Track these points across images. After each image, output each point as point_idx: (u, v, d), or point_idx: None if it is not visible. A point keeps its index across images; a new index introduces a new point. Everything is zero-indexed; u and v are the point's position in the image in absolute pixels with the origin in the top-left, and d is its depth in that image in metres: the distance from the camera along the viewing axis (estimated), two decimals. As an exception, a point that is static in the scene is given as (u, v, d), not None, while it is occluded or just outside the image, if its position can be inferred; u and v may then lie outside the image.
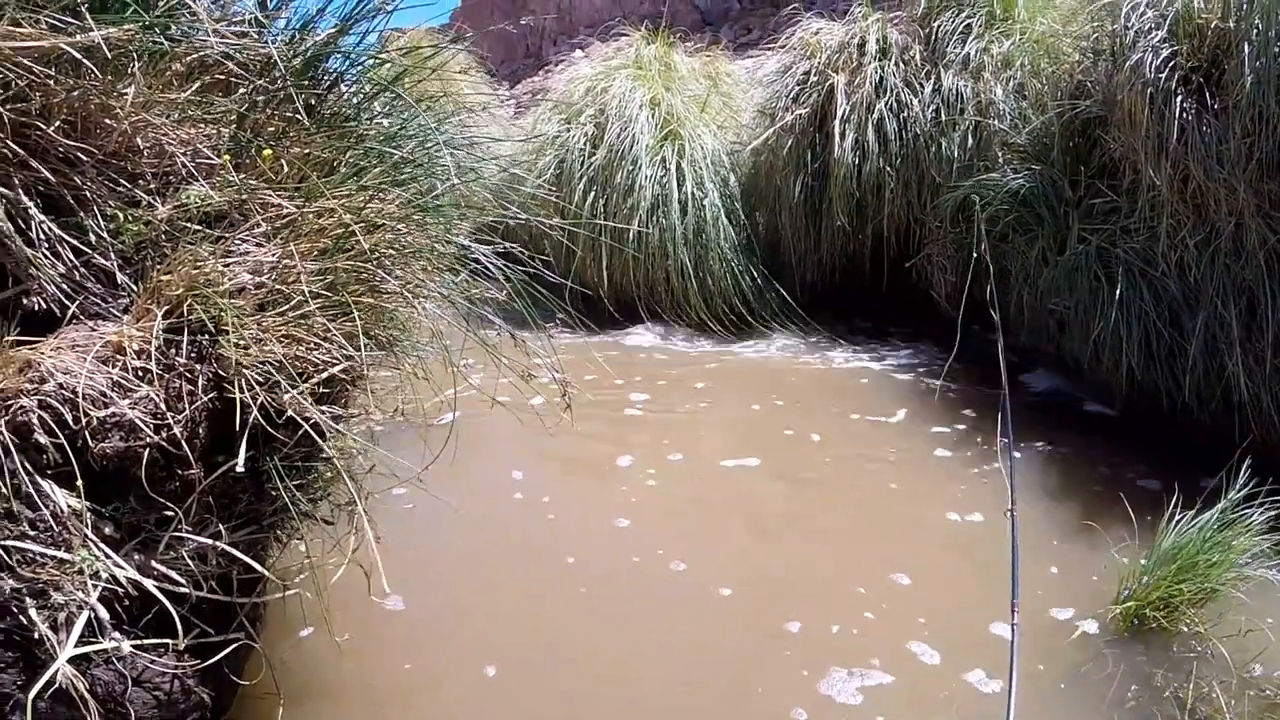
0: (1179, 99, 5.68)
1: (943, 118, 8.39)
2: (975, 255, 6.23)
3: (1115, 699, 3.59)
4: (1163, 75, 5.74)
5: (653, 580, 4.43)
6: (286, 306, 2.69)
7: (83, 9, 2.64)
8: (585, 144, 9.57)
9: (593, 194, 9.24)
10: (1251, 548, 4.08)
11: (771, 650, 3.85)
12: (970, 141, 8.17)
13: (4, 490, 2.25)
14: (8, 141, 2.54)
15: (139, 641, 2.44)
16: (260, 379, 2.55)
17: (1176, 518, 4.19)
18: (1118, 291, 6.07)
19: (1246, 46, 5.35)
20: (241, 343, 2.55)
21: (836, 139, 8.68)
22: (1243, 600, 4.02)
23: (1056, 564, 4.59)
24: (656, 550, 4.63)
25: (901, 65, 8.82)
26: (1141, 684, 3.67)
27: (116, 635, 2.39)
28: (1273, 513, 4.16)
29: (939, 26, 8.64)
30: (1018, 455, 5.69)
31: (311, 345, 2.70)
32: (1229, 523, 4.11)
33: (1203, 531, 4.09)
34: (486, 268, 3.74)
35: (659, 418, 6.80)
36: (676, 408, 6.96)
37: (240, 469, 2.53)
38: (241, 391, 2.50)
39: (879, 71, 8.78)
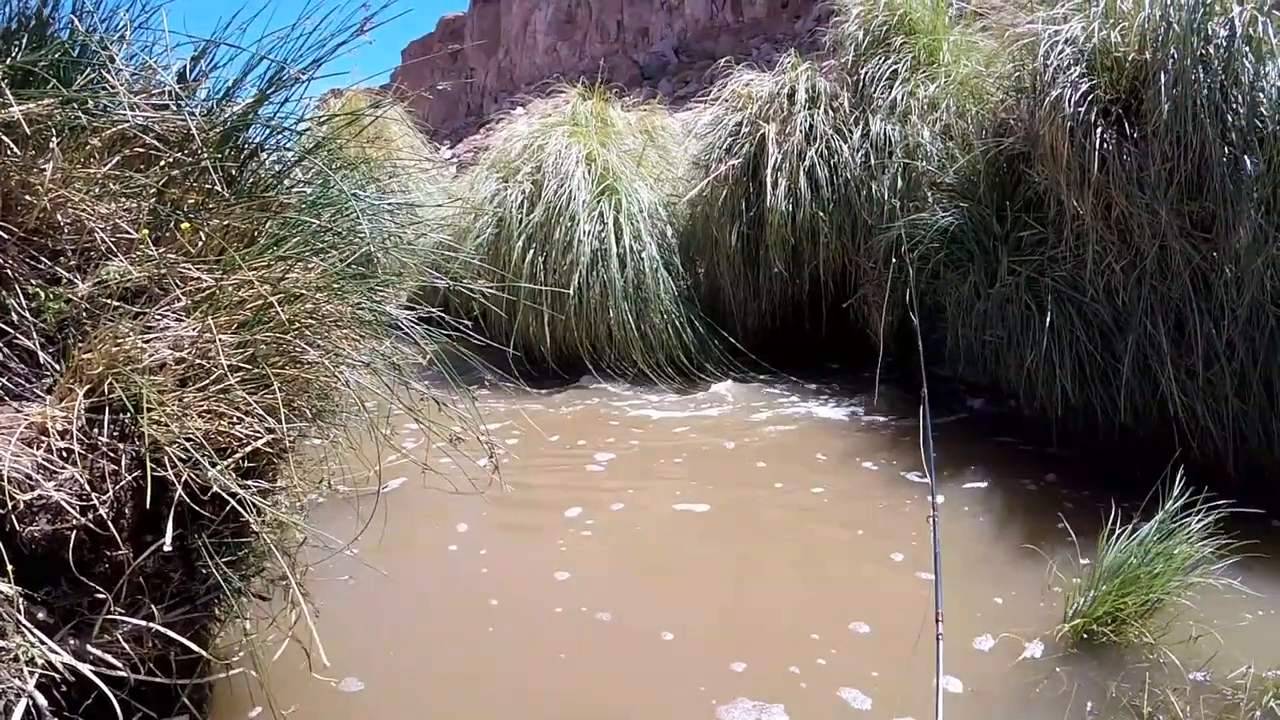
0: (1099, 130, 5.83)
1: (872, 161, 8.49)
2: (907, 292, 6.31)
3: (1074, 715, 3.62)
4: (1082, 109, 5.89)
5: (591, 630, 4.41)
6: (207, 381, 2.66)
7: (2, 85, 2.61)
8: (523, 202, 9.58)
9: (532, 251, 9.23)
10: (1193, 555, 4.16)
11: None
12: (900, 183, 8.27)
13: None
14: (-74, 221, 2.51)
15: (79, 728, 2.38)
16: (183, 455, 2.51)
17: (1117, 533, 4.27)
18: (1048, 319, 6.19)
19: (1163, 76, 5.51)
20: (162, 420, 2.52)
21: (769, 187, 8.77)
22: (1189, 607, 4.11)
23: (1003, 588, 4.64)
24: (600, 602, 4.60)
25: (831, 112, 8.95)
26: (1097, 698, 3.70)
27: (55, 722, 2.33)
28: (1210, 520, 4.24)
29: (866, 73, 8.74)
30: (966, 487, 5.87)
31: (234, 419, 2.66)
32: (1169, 533, 4.20)
33: (1144, 544, 4.17)
34: (408, 334, 3.71)
35: (601, 470, 6.78)
36: (620, 460, 6.93)
37: (168, 548, 2.48)
38: (164, 469, 2.47)
39: (809, 119, 8.91)
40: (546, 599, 4.72)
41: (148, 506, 2.58)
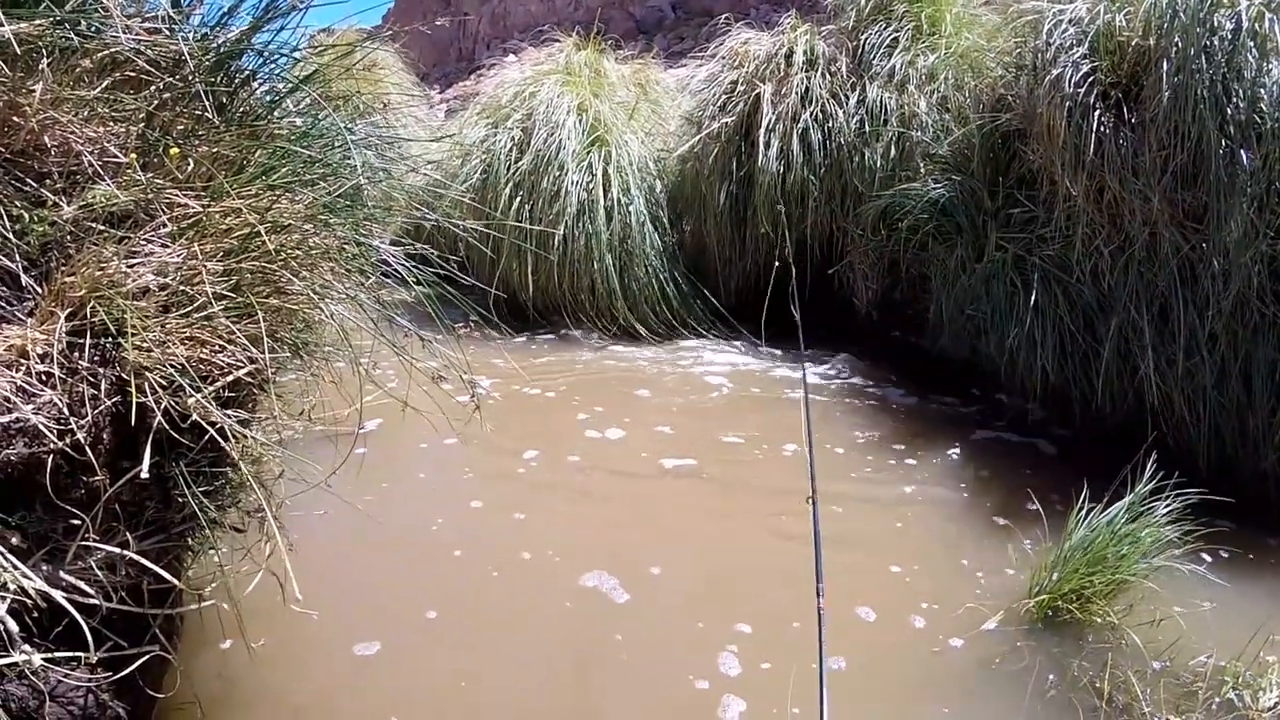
0: (1097, 113, 5.86)
1: (867, 128, 8.44)
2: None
3: (1035, 689, 3.68)
4: (1081, 90, 5.92)
5: (551, 575, 4.52)
6: (191, 308, 2.64)
7: (-9, 3, 2.58)
8: (512, 149, 9.53)
9: (519, 199, 9.19)
10: (1160, 539, 4.22)
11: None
12: (893, 152, 8.23)
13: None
14: (-90, 138, 2.48)
15: (50, 655, 2.37)
16: (164, 382, 2.49)
17: (1086, 511, 4.31)
18: (1033, 297, 6.23)
19: (1165, 64, 5.52)
20: (144, 345, 2.50)
21: (761, 148, 8.72)
22: (1154, 590, 4.19)
23: (970, 560, 4.70)
24: (564, 546, 4.73)
25: (828, 76, 8.88)
26: (1059, 674, 3.77)
27: (27, 649, 2.32)
28: (1178, 505, 4.30)
29: (866, 39, 8.68)
30: (939, 461, 5.87)
31: (216, 348, 2.65)
32: (1137, 515, 4.25)
33: (1112, 524, 4.22)
34: (396, 270, 3.70)
35: (570, 417, 6.84)
36: (590, 407, 6.98)
37: (145, 475, 2.47)
38: (144, 395, 2.45)
39: (805, 82, 8.83)
40: (510, 541, 4.81)
41: (126, 432, 2.57)
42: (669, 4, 66.86)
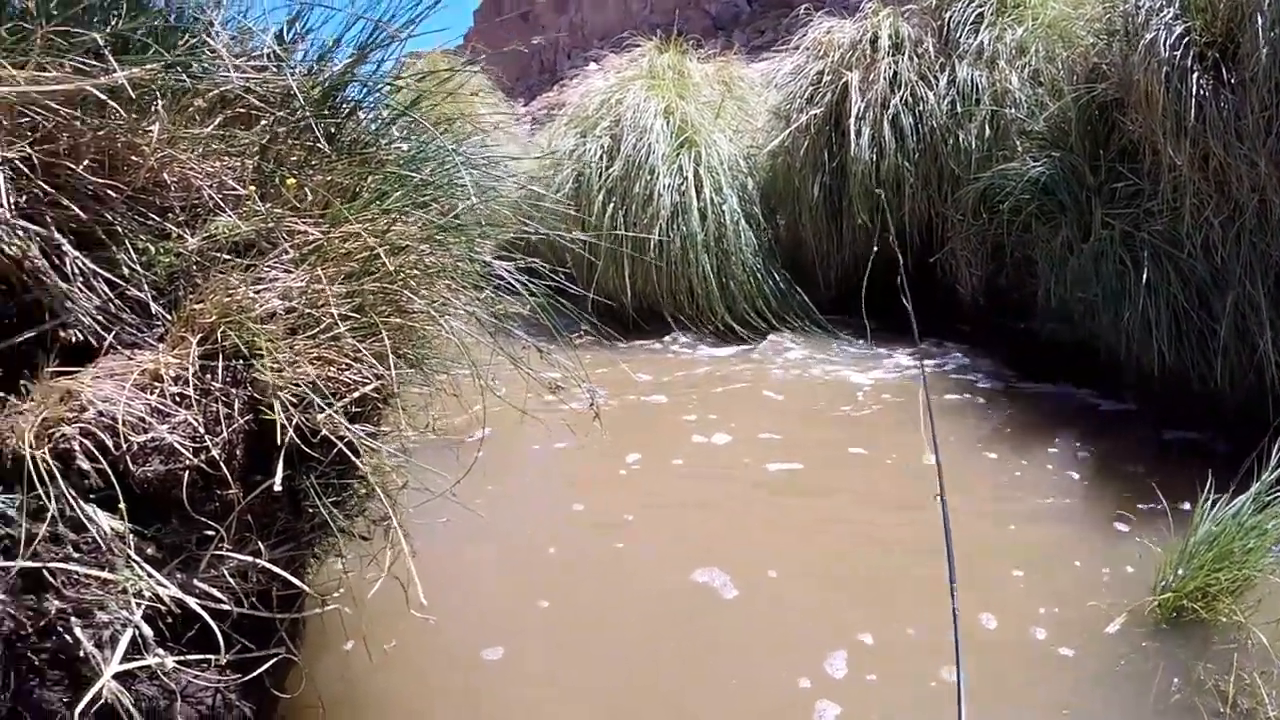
0: (1195, 76, 5.65)
1: (959, 109, 8.35)
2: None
3: (1158, 692, 3.60)
4: (1177, 53, 5.72)
5: (671, 582, 4.53)
6: (317, 329, 2.77)
7: (105, 51, 2.72)
8: (602, 156, 9.62)
9: (612, 205, 9.28)
10: None
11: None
12: (988, 131, 8.10)
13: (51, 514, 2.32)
14: (38, 181, 2.62)
15: (182, 657, 2.50)
16: (295, 400, 2.62)
17: (1211, 504, 4.14)
18: (1144, 275, 6.04)
19: (1260, 18, 5.32)
20: (276, 365, 2.63)
21: (853, 137, 8.69)
22: None
23: (1091, 559, 4.58)
24: (689, 555, 4.69)
25: (915, 59, 8.82)
26: (1183, 676, 3.66)
27: (160, 651, 2.44)
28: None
29: (950, 17, 8.60)
30: (1057, 451, 5.80)
31: (343, 366, 2.77)
32: (1264, 505, 4.04)
33: (1238, 517, 4.02)
34: (509, 283, 3.81)
35: (675, 421, 6.88)
36: (702, 410, 7.00)
37: (278, 488, 2.60)
38: (276, 413, 2.58)
39: (892, 66, 8.79)
40: (622, 543, 4.91)
41: (258, 448, 2.70)
42: (744, -2, 66.54)
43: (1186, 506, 4.41)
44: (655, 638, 4.13)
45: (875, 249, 6.16)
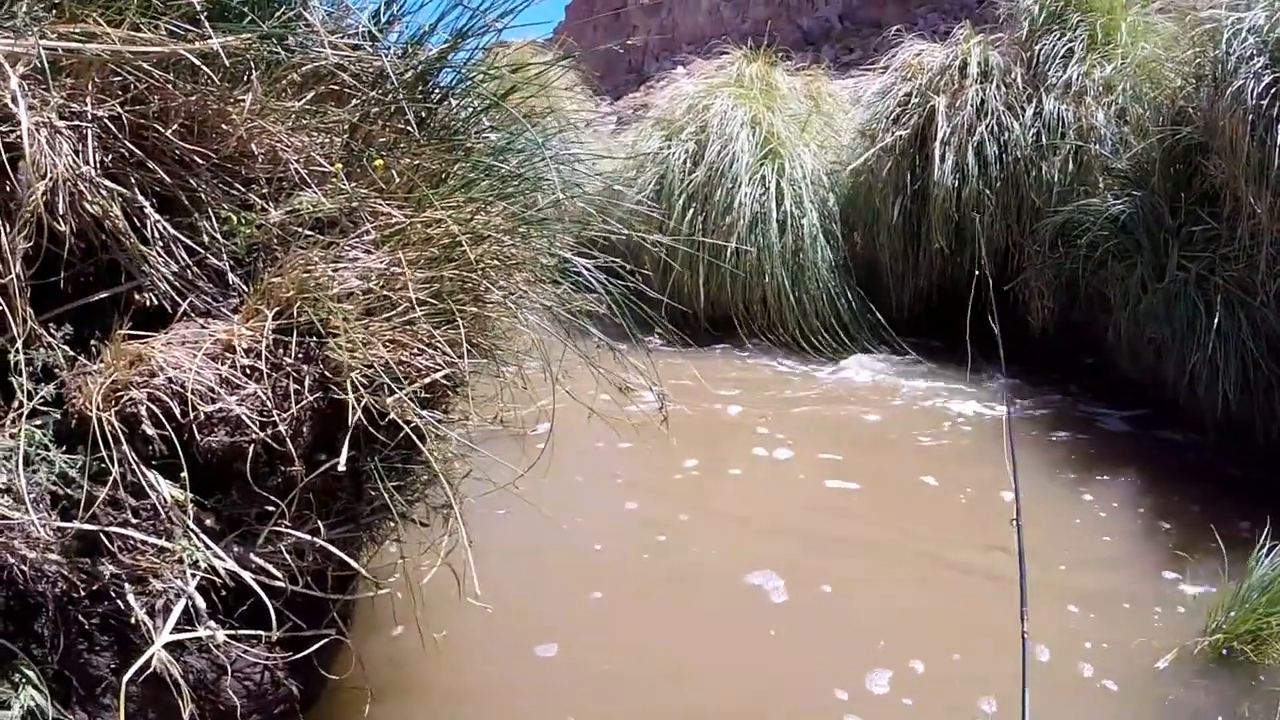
0: None
1: (1043, 141, 8.28)
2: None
3: None
4: (1264, 102, 5.71)
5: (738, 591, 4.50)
6: (393, 312, 2.77)
7: (201, 17, 2.72)
8: (686, 161, 9.59)
9: (692, 210, 9.25)
10: None
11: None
12: (1070, 166, 8.06)
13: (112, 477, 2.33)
14: (126, 142, 2.63)
15: (233, 631, 2.50)
16: (365, 381, 2.61)
17: (1268, 549, 4.14)
18: (1215, 320, 6.02)
19: None
20: (349, 345, 2.62)
21: (936, 161, 8.62)
22: None
23: (1145, 596, 4.56)
24: (742, 563, 4.67)
25: (1003, 88, 8.73)
26: (1228, 716, 3.66)
27: (212, 624, 2.45)
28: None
29: (1040, 50, 8.53)
30: (1116, 488, 5.74)
31: (416, 351, 2.76)
32: None
33: None
34: (588, 281, 3.79)
35: (751, 433, 6.82)
36: (772, 424, 6.95)
37: (342, 468, 2.59)
38: (347, 393, 2.57)
39: (980, 94, 8.71)
40: (693, 549, 4.91)
41: (325, 427, 2.70)
42: (836, 14, 66.48)
43: (1242, 546, 4.37)
44: (706, 638, 4.14)
45: (975, 273, 6.08)
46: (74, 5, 2.52)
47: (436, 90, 3.57)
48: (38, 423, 2.35)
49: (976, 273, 6.06)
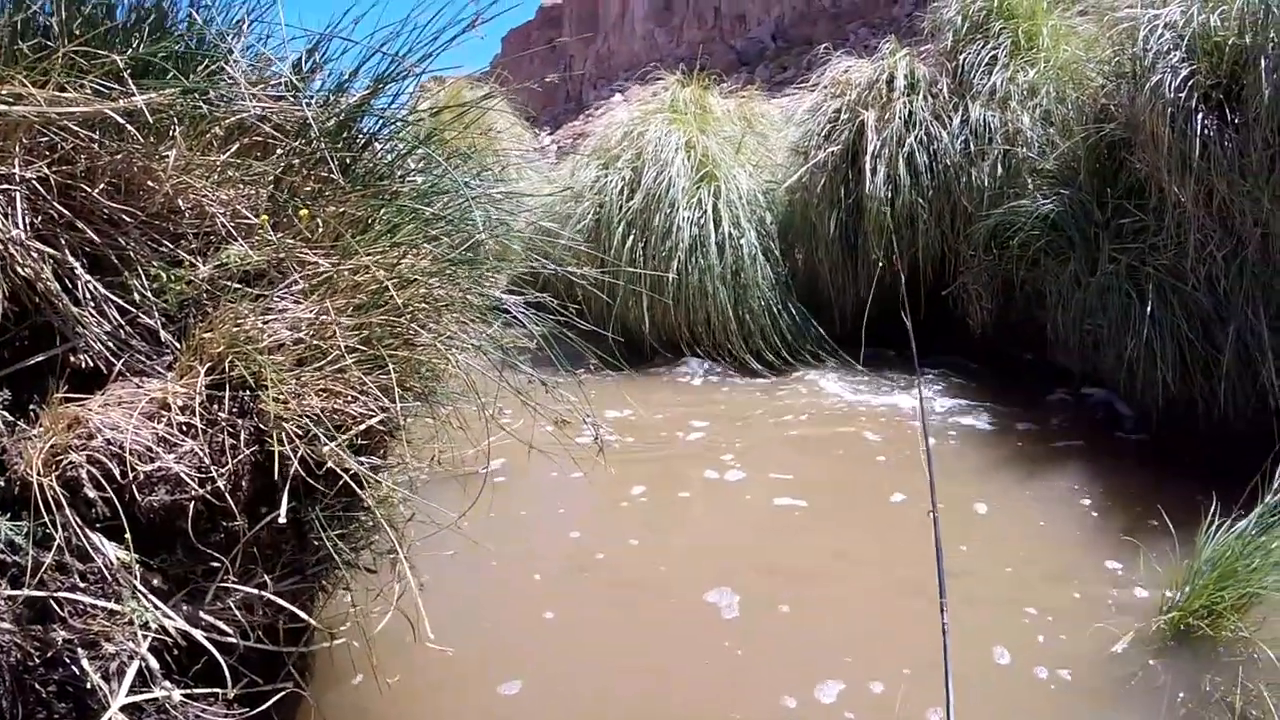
0: (1200, 116, 5.79)
1: (972, 148, 8.40)
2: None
3: (1168, 707, 3.65)
4: (1182, 94, 5.84)
5: (692, 612, 4.51)
6: (324, 361, 2.77)
7: (125, 75, 2.72)
8: (623, 188, 9.61)
9: (631, 237, 9.26)
10: None
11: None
12: (1000, 170, 8.17)
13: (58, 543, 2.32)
14: (54, 203, 2.63)
15: (189, 691, 2.49)
16: (300, 432, 2.61)
17: (1215, 525, 4.23)
18: (1149, 308, 6.13)
19: (1263, 60, 5.45)
20: (281, 397, 2.62)
21: (868, 174, 8.69)
22: None
23: (1100, 578, 4.66)
24: (696, 585, 4.68)
25: (930, 99, 8.86)
26: (1190, 691, 3.72)
27: (167, 684, 2.44)
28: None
29: (965, 59, 8.66)
30: (1065, 477, 5.80)
31: (349, 398, 2.76)
32: (1267, 527, 4.14)
33: (1241, 538, 4.13)
34: (517, 318, 3.80)
35: (702, 455, 6.81)
36: (722, 445, 6.95)
37: (283, 520, 2.59)
38: (282, 444, 2.57)
39: (908, 106, 8.81)
40: (645, 575, 4.90)
41: (264, 480, 2.69)
42: (769, 34, 66.98)
43: (1191, 527, 4.44)
44: (665, 659, 4.15)
45: (881, 266, 6.12)
46: (-1, 67, 2.53)
47: (360, 136, 3.57)
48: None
49: (881, 266, 6.10)
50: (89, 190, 2.74)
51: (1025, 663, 4.00)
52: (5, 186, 2.50)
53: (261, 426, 2.65)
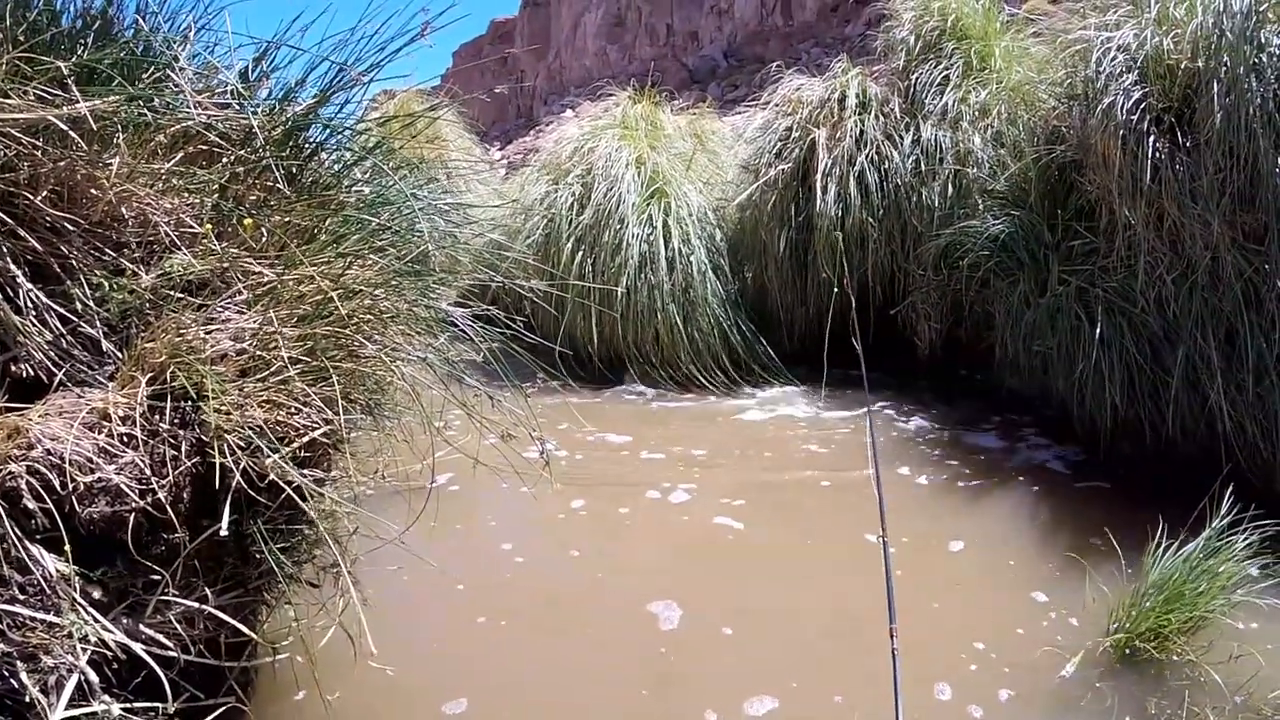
0: (1151, 139, 5.79)
1: (923, 168, 8.45)
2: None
3: None
4: (1134, 117, 5.85)
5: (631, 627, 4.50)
6: (267, 372, 2.74)
7: (69, 81, 2.70)
8: (573, 204, 9.61)
9: (581, 253, 9.25)
10: (1238, 573, 4.14)
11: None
12: (950, 190, 8.23)
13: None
14: (-5, 211, 2.59)
15: (129, 705, 2.45)
16: (242, 443, 2.59)
17: (1163, 548, 4.25)
18: (1098, 330, 6.13)
19: (1215, 85, 5.46)
20: (223, 408, 2.59)
21: (819, 192, 8.73)
22: (1232, 626, 4.10)
23: (1046, 601, 4.63)
24: (640, 596, 4.68)
25: (881, 118, 8.90)
26: (1137, 715, 3.71)
27: (106, 698, 2.40)
28: (1256, 538, 4.22)
29: (917, 79, 8.72)
30: (1012, 497, 5.88)
31: (292, 410, 2.74)
32: (1214, 550, 4.17)
33: (1189, 561, 4.15)
34: (464, 331, 3.78)
35: (638, 468, 6.85)
36: (668, 462, 6.94)
37: (224, 532, 2.56)
38: (223, 456, 2.54)
39: (859, 125, 8.86)
40: (587, 591, 4.89)
41: (206, 492, 2.66)
42: (721, 52, 67.26)
43: (1139, 549, 4.45)
44: (605, 673, 4.14)
45: (835, 290, 6.14)
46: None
47: (306, 145, 3.55)
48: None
49: (835, 290, 6.12)
50: (31, 198, 2.71)
51: (970, 687, 3.97)
52: (-54, 194, 2.47)
53: (203, 438, 2.62)
